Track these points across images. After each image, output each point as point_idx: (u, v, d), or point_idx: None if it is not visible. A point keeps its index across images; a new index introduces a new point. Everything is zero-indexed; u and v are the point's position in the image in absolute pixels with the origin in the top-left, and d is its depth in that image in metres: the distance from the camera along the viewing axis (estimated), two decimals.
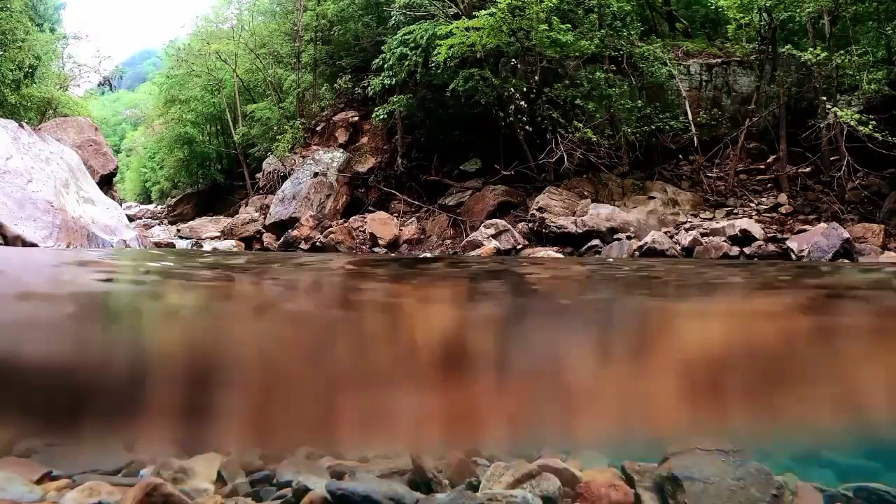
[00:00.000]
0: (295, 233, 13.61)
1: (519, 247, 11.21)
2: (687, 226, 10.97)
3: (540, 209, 11.56)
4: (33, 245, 8.67)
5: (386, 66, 13.85)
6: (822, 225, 9.60)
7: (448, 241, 12.82)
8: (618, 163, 12.82)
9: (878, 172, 10.73)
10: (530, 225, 11.70)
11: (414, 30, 13.46)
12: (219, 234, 15.79)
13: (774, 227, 10.55)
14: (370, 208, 14.86)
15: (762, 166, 12.62)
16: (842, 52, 10.77)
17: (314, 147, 16.46)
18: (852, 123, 9.72)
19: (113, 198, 15.53)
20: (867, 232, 9.70)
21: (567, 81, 12.60)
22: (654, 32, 14.84)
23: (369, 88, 14.63)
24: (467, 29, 12.01)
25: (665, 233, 10.59)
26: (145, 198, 33.65)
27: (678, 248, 10.05)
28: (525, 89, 12.43)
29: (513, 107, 12.32)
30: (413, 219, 14.03)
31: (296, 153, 16.44)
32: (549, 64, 12.67)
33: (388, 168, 15.42)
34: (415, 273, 5.05)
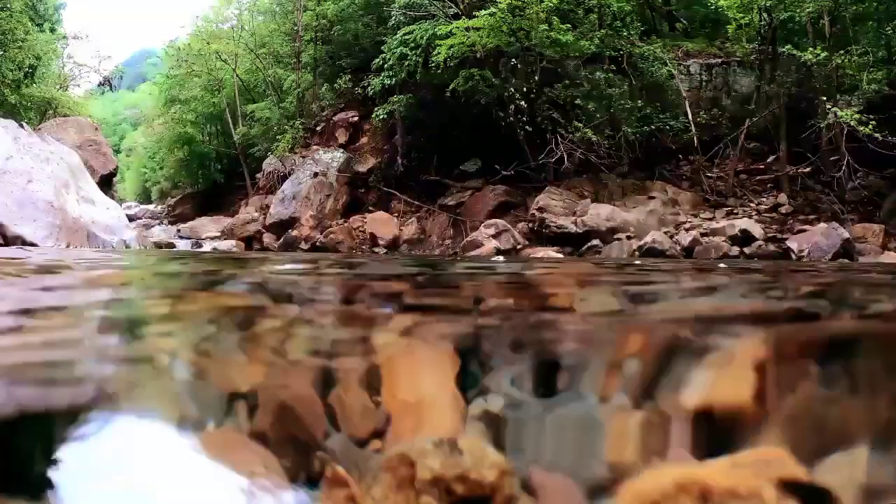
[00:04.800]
0: (295, 233, 13.62)
1: (519, 247, 11.22)
2: (687, 226, 10.97)
3: (540, 209, 11.56)
4: (33, 245, 8.68)
5: (386, 66, 13.86)
6: (822, 225, 9.60)
7: (448, 241, 12.83)
8: (618, 163, 12.82)
9: (878, 172, 10.73)
10: (530, 225, 11.70)
11: (414, 30, 13.46)
12: (219, 234, 15.79)
13: (774, 227, 10.55)
14: (370, 208, 14.86)
15: (762, 166, 12.61)
16: (842, 52, 10.77)
17: (314, 147, 16.47)
18: (852, 123, 9.72)
19: (113, 198, 15.54)
20: (867, 232, 9.71)
21: (567, 81, 12.60)
22: (654, 32, 14.84)
23: (369, 88, 14.63)
24: (467, 29, 12.01)
25: (665, 233, 10.59)
26: (145, 198, 33.66)
27: (678, 248, 10.06)
28: (525, 89, 12.43)
29: (513, 107, 12.32)
30: (413, 219, 14.03)
31: (296, 153, 16.44)
32: (549, 64, 12.67)
33: (388, 168, 15.42)
34: None
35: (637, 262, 7.92)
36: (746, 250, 9.64)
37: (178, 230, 17.32)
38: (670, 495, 0.72)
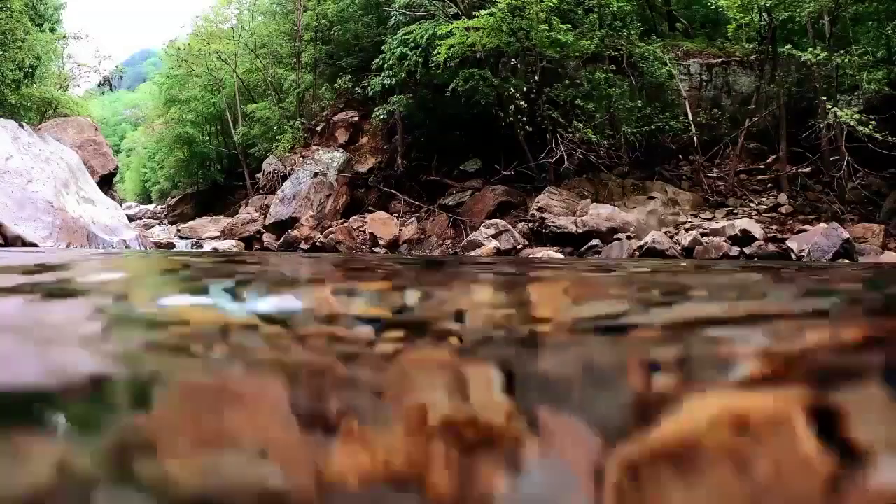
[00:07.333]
0: (295, 233, 13.62)
1: (519, 247, 11.21)
2: (687, 226, 10.97)
3: (540, 209, 11.56)
4: (33, 245, 8.68)
5: (386, 66, 13.85)
6: (822, 225, 9.60)
7: (448, 241, 12.82)
8: (618, 163, 12.82)
9: (878, 172, 10.73)
10: (530, 225, 11.70)
11: (414, 30, 13.46)
12: (219, 234, 15.78)
13: (774, 227, 10.55)
14: (370, 208, 14.86)
15: (762, 166, 12.62)
16: (842, 52, 10.76)
17: (314, 147, 16.46)
18: (852, 123, 9.72)
19: (113, 198, 15.54)
20: (867, 232, 9.70)
21: (567, 81, 12.60)
22: (654, 32, 14.83)
23: (369, 88, 14.62)
24: (467, 29, 12.01)
25: (665, 233, 10.59)
26: (145, 198, 33.69)
27: (678, 248, 10.05)
28: (525, 89, 12.43)
29: (513, 107, 12.32)
30: (413, 219, 14.03)
31: (296, 153, 16.44)
32: (549, 64, 12.67)
33: (388, 168, 15.42)
34: None
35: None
36: (746, 250, 9.64)
37: (178, 230, 17.33)
38: (712, 426, 0.71)
